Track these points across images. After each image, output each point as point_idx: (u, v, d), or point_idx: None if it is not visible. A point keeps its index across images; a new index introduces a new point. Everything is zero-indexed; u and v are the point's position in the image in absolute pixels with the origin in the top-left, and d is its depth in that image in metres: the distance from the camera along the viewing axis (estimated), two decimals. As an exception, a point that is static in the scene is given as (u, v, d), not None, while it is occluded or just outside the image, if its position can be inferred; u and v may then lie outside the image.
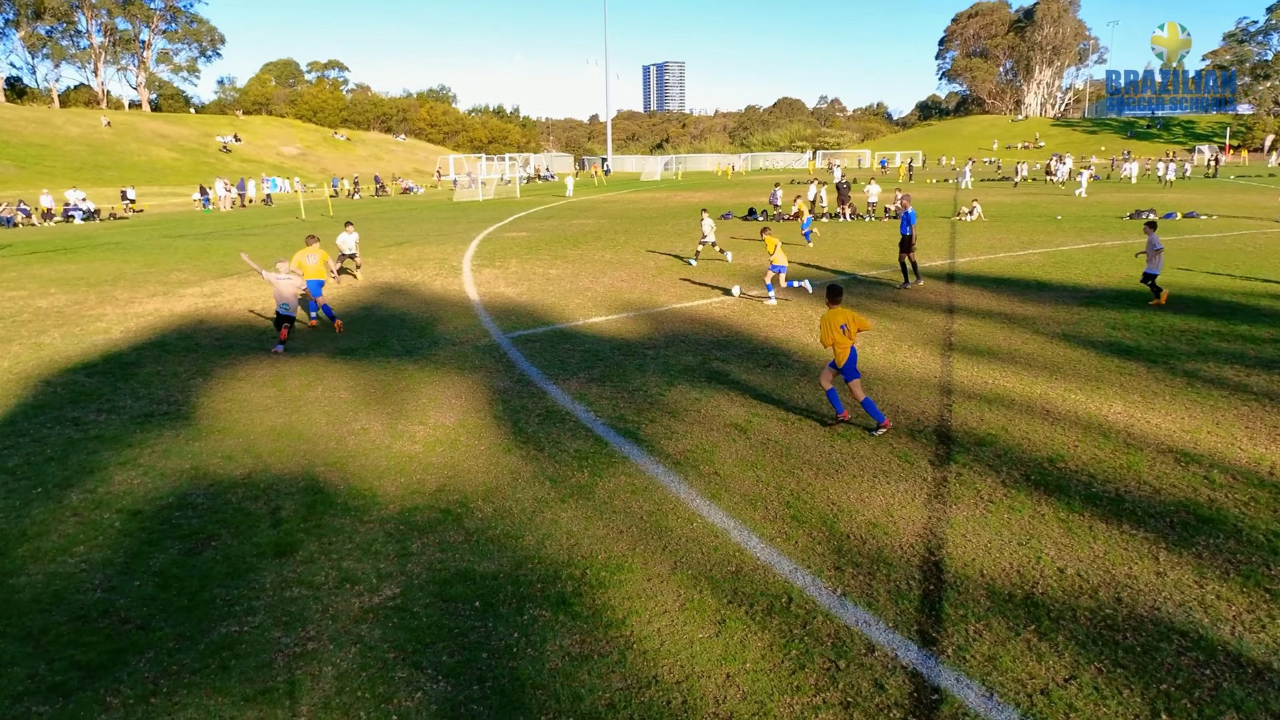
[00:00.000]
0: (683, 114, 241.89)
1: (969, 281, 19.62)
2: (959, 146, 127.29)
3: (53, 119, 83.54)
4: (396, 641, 5.72)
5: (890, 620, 5.83)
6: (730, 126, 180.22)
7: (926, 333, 14.35)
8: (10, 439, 9.95)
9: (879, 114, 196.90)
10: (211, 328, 16.14)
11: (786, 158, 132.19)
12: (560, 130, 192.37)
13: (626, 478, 8.44)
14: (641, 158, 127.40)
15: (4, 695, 5.22)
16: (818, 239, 28.73)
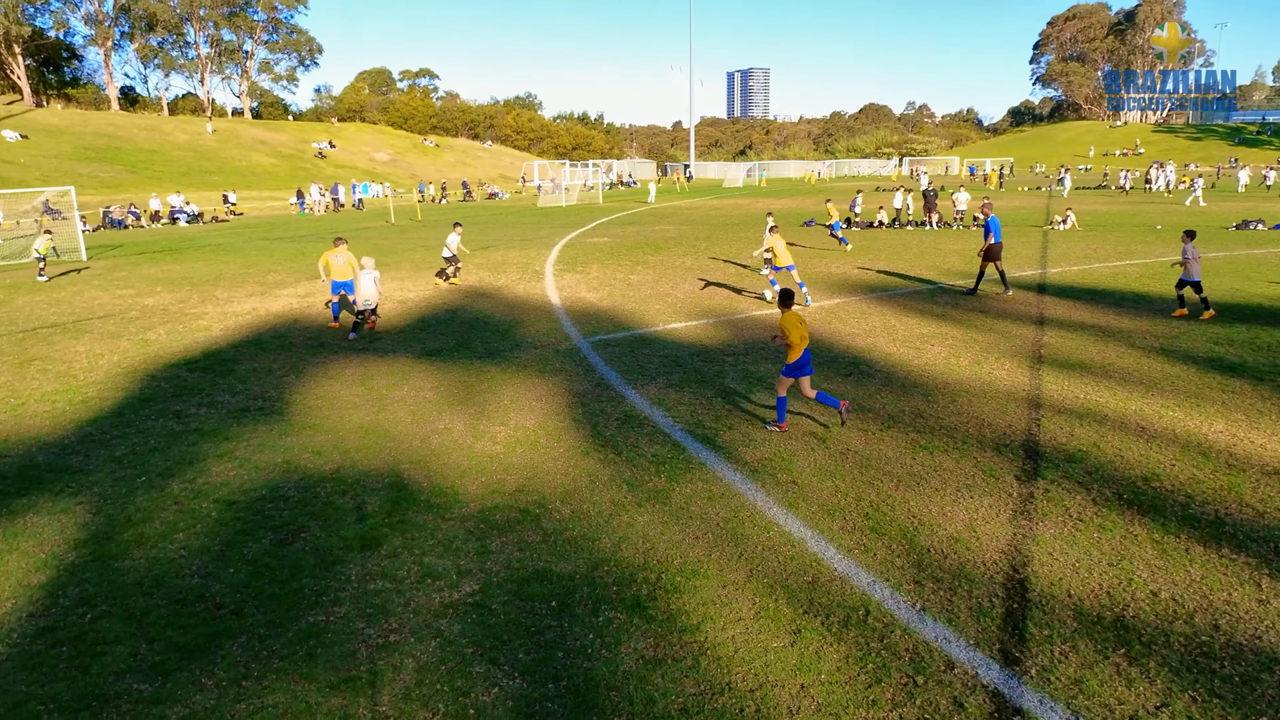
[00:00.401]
0: (766, 120, 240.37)
1: (1061, 292, 19.01)
2: (1052, 153, 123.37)
3: (161, 126, 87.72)
4: (475, 637, 5.84)
5: (971, 637, 5.69)
6: (815, 133, 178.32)
7: (1015, 344, 13.95)
8: (118, 429, 10.50)
9: (969, 120, 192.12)
10: (304, 327, 16.72)
11: (872, 164, 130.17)
12: (643, 137, 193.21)
13: (703, 484, 8.44)
14: (724, 164, 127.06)
15: (109, 672, 5.51)
16: (906, 247, 28.22)
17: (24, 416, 11.09)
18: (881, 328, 15.55)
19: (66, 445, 9.95)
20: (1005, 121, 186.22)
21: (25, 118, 76.75)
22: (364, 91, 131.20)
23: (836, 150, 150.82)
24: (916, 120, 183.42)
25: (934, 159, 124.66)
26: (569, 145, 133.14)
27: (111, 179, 64.92)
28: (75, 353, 14.74)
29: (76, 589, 6.59)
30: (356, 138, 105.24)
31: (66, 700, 5.23)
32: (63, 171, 61.17)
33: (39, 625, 6.08)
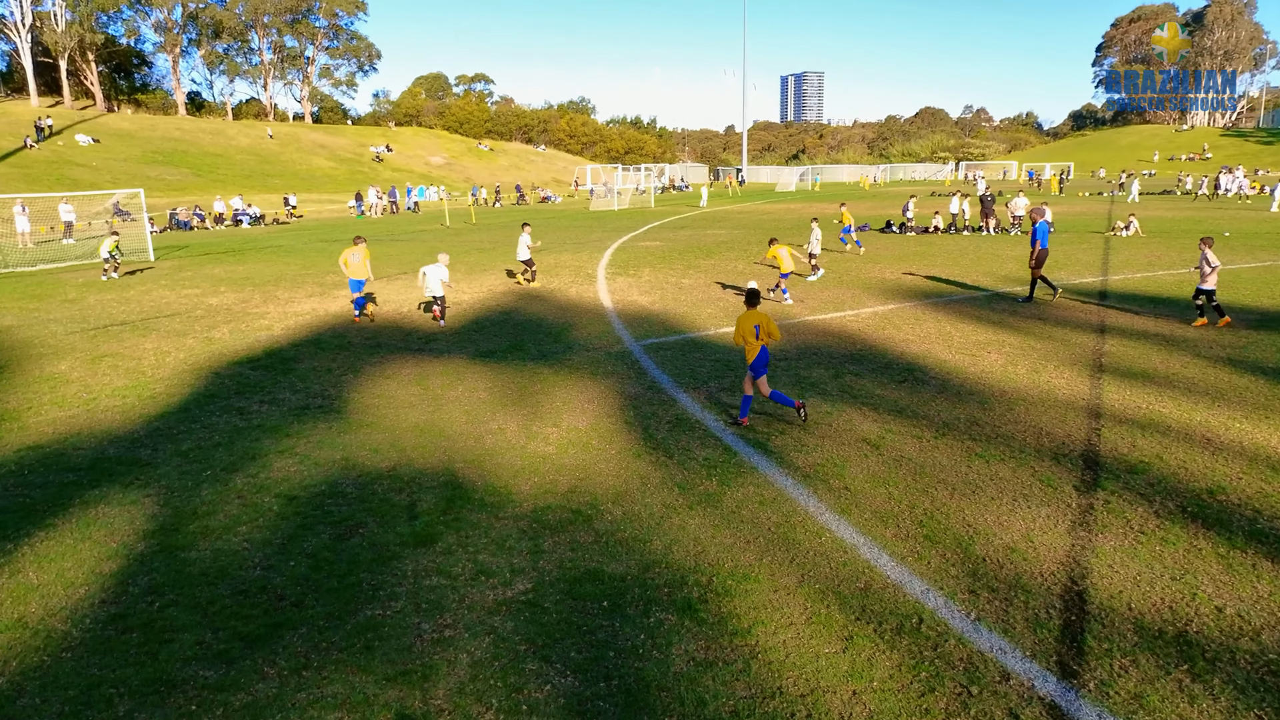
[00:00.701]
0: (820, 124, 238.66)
1: (1123, 300, 18.57)
2: (1114, 158, 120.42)
3: (226, 130, 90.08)
4: (528, 635, 5.91)
5: (1027, 649, 5.61)
6: (869, 137, 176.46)
7: (1074, 352, 13.68)
8: (185, 424, 10.82)
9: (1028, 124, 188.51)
10: (361, 327, 17.05)
11: (927, 169, 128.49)
12: (696, 141, 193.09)
13: (755, 488, 8.43)
14: (777, 168, 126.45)
15: (176, 658, 5.70)
16: (963, 253, 27.83)
17: (96, 411, 11.50)
18: (936, 334, 15.36)
19: (136, 439, 10.29)
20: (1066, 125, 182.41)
21: (98, 122, 79.41)
22: (421, 96, 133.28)
23: (891, 154, 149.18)
24: (974, 124, 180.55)
25: (991, 163, 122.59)
26: (621, 149, 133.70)
27: (178, 182, 66.86)
28: (144, 350, 15.23)
29: (145, 578, 6.82)
30: (413, 142, 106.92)
31: (136, 685, 5.41)
32: (132, 174, 63.15)
33: (110, 612, 6.31)
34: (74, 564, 7.07)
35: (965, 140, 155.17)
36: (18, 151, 63.52)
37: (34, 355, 14.93)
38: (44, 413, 11.46)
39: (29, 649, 5.84)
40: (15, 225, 36.82)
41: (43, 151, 65.47)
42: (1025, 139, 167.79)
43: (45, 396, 12.24)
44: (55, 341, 16.14)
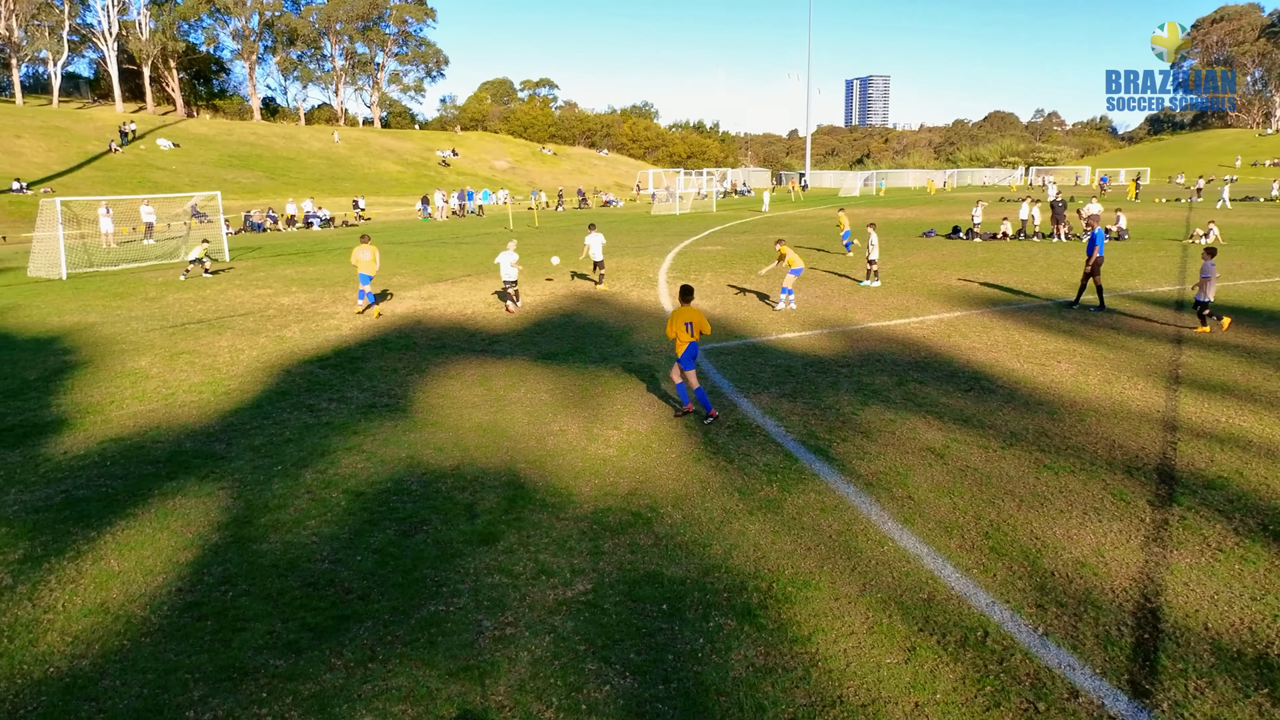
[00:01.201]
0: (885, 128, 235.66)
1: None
2: (1193, 163, 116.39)
3: (298, 135, 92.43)
4: (587, 635, 5.96)
5: (1097, 666, 5.47)
6: (936, 141, 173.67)
7: (1149, 363, 13.27)
8: (257, 420, 11.15)
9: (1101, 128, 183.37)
10: (427, 328, 17.36)
11: (996, 174, 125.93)
12: (758, 145, 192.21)
13: (816, 495, 8.36)
14: (840, 173, 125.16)
15: (248, 647, 5.87)
16: (1032, 259, 27.20)
17: (174, 406, 11.91)
18: (1004, 342, 15.04)
19: (211, 433, 10.63)
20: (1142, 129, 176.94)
21: (178, 127, 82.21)
22: (486, 101, 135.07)
23: (958, 159, 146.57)
24: (1045, 128, 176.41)
25: (1063, 168, 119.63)
26: (684, 154, 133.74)
27: (252, 184, 68.82)
28: (219, 347, 15.72)
29: (220, 568, 7.04)
30: (478, 146, 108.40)
31: (210, 671, 5.60)
32: (209, 177, 65.20)
33: (186, 599, 6.53)
34: (153, 552, 7.33)
35: (1036, 145, 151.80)
36: (103, 155, 66.08)
37: (116, 351, 15.52)
38: (125, 406, 11.90)
39: (110, 633, 6.08)
40: (100, 226, 38.31)
41: (126, 155, 68.01)
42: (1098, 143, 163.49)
43: (127, 391, 12.72)
44: (136, 338, 16.75)
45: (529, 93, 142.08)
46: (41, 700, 5.32)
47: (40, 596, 6.62)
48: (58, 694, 5.38)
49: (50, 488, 8.87)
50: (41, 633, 6.10)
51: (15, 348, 16.13)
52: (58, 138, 66.78)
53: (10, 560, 7.23)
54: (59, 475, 9.25)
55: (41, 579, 6.90)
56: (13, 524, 7.95)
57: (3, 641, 5.99)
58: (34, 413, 11.67)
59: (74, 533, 7.75)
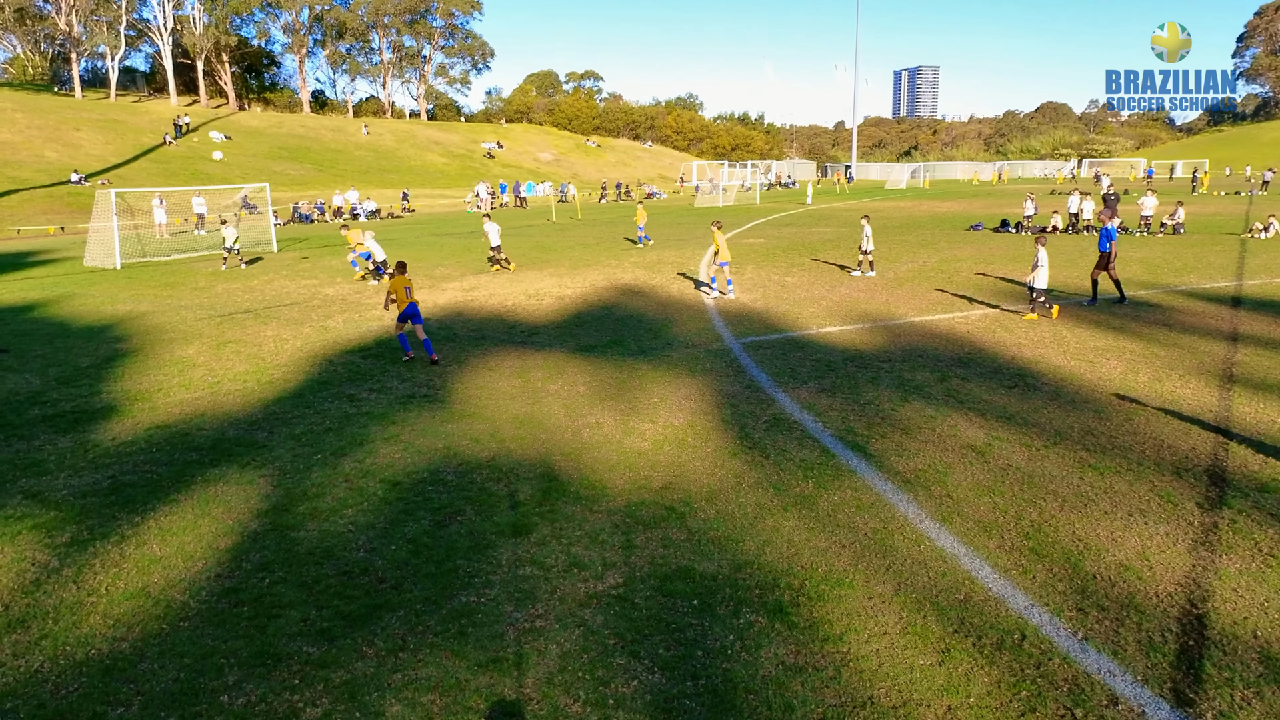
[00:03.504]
0: (934, 120, 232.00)
1: (1260, 307, 17.39)
2: (1254, 155, 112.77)
3: (346, 127, 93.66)
4: (617, 629, 5.94)
5: (1139, 673, 5.32)
6: (985, 133, 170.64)
7: (1201, 361, 12.89)
8: (298, 409, 11.31)
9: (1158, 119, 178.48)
10: (467, 319, 17.48)
11: (1047, 166, 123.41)
12: (804, 137, 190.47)
13: (852, 492, 8.26)
14: (887, 165, 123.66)
15: (283, 633, 5.95)
16: (1083, 254, 26.59)
17: (219, 394, 12.13)
18: (1051, 338, 14.72)
19: (254, 421, 10.81)
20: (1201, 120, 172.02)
21: (230, 120, 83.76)
22: (531, 93, 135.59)
23: (1009, 151, 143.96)
24: (1099, 119, 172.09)
25: (1117, 160, 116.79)
26: (728, 146, 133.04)
27: (301, 177, 69.90)
28: (264, 337, 15.98)
29: (258, 554, 7.15)
30: (523, 138, 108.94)
31: (245, 656, 5.68)
32: (259, 169, 66.37)
33: (224, 586, 6.64)
34: (193, 539, 7.47)
35: (1089, 136, 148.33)
36: (158, 148, 67.56)
37: (166, 340, 15.86)
38: (172, 394, 12.16)
39: (150, 617, 6.21)
40: (154, 217, 39.18)
41: (179, 148, 69.44)
42: (1155, 135, 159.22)
43: (174, 379, 12.99)
44: (185, 327, 17.11)
45: (574, 85, 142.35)
46: (83, 680, 5.45)
47: (85, 579, 6.78)
48: (98, 675, 5.51)
49: (98, 473, 9.09)
50: (85, 615, 6.25)
51: (70, 335, 16.55)
52: (114, 130, 68.42)
53: (58, 543, 7.41)
54: (107, 461, 9.47)
55: (86, 562, 7.06)
56: (61, 508, 8.16)
57: (47, 622, 6.15)
58: (85, 399, 11.96)
59: (119, 517, 7.93)
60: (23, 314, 19.29)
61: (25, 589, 6.66)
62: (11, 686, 5.41)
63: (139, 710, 5.16)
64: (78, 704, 5.22)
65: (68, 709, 5.18)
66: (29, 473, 9.12)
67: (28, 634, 6.01)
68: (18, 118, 64.27)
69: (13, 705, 5.22)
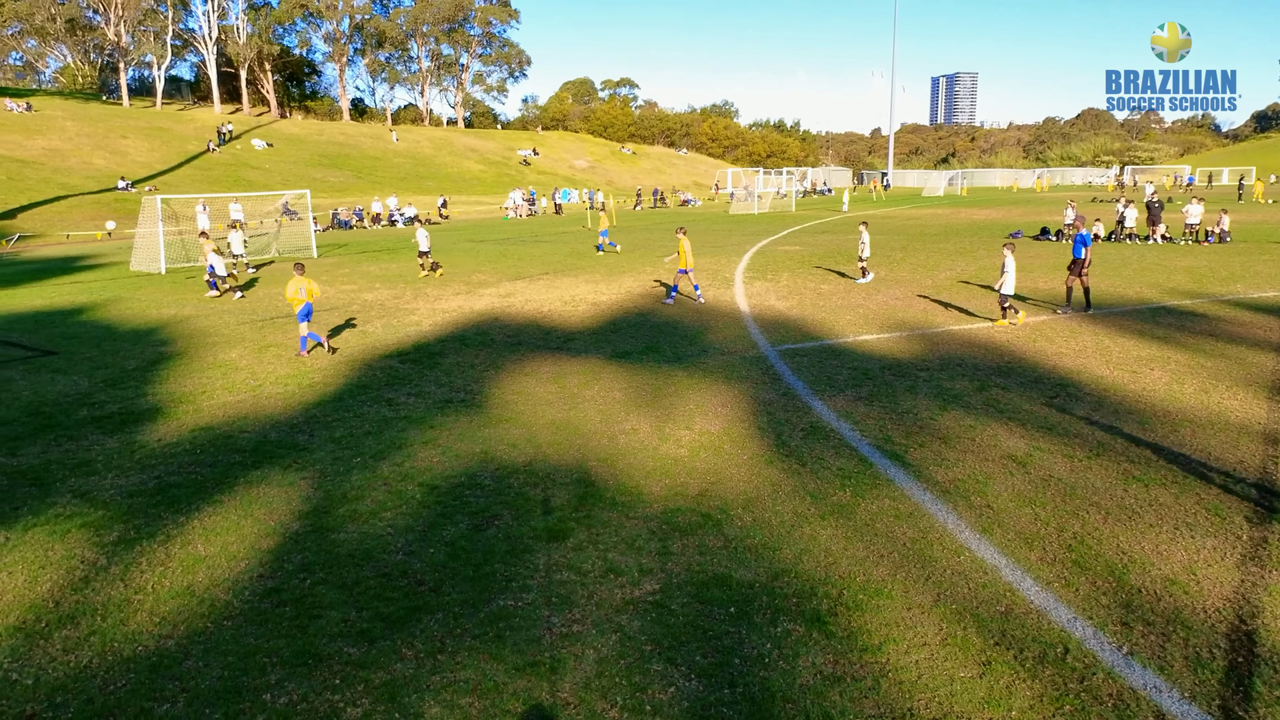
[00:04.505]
0: (972, 126, 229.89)
1: (1309, 317, 16.98)
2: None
3: (385, 135, 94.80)
4: (654, 635, 5.94)
5: (1186, 690, 5.22)
6: (1025, 140, 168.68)
7: (1250, 372, 12.62)
8: (338, 413, 11.45)
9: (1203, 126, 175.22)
10: (504, 325, 17.59)
11: (1088, 173, 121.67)
12: (840, 144, 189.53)
13: (890, 501, 8.19)
14: (924, 172, 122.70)
15: (323, 634, 6.03)
16: (1125, 262, 26.20)
17: (261, 397, 12.32)
18: (1094, 348, 14.50)
19: (295, 424, 10.96)
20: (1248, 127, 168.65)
21: (271, 128, 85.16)
22: (567, 101, 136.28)
23: (1049, 158, 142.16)
24: (1142, 126, 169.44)
25: (1160, 168, 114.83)
26: (763, 153, 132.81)
27: (340, 183, 70.87)
28: (304, 341, 16.20)
29: (299, 555, 7.25)
30: (558, 145, 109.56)
31: (287, 655, 5.76)
32: (300, 176, 67.37)
33: (267, 585, 6.74)
34: (237, 539, 7.59)
35: (1132, 143, 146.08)
36: (202, 155, 68.87)
37: (209, 343, 16.14)
38: (215, 397, 12.37)
39: (195, 615, 6.31)
40: (197, 223, 39.89)
41: (223, 155, 70.73)
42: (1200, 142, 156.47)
43: (217, 382, 13.22)
44: (228, 331, 17.40)
45: (609, 92, 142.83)
46: (130, 677, 5.55)
47: (132, 577, 6.92)
48: (145, 672, 5.61)
49: (144, 473, 9.27)
50: (132, 612, 6.37)
51: (117, 338, 16.91)
52: (160, 138, 69.88)
53: (106, 542, 7.57)
54: (153, 462, 9.65)
55: (133, 561, 7.21)
56: (109, 507, 8.33)
57: (96, 619, 6.28)
58: (132, 401, 12.21)
59: (165, 517, 8.08)
60: (71, 317, 19.74)
61: (75, 586, 6.81)
62: (62, 681, 5.53)
63: (184, 707, 5.25)
64: (125, 699, 5.33)
65: (115, 705, 5.28)
66: (78, 472, 9.33)
67: (77, 630, 6.14)
68: (68, 125, 65.88)
69: (63, 699, 5.33)
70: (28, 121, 64.78)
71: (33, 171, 54.58)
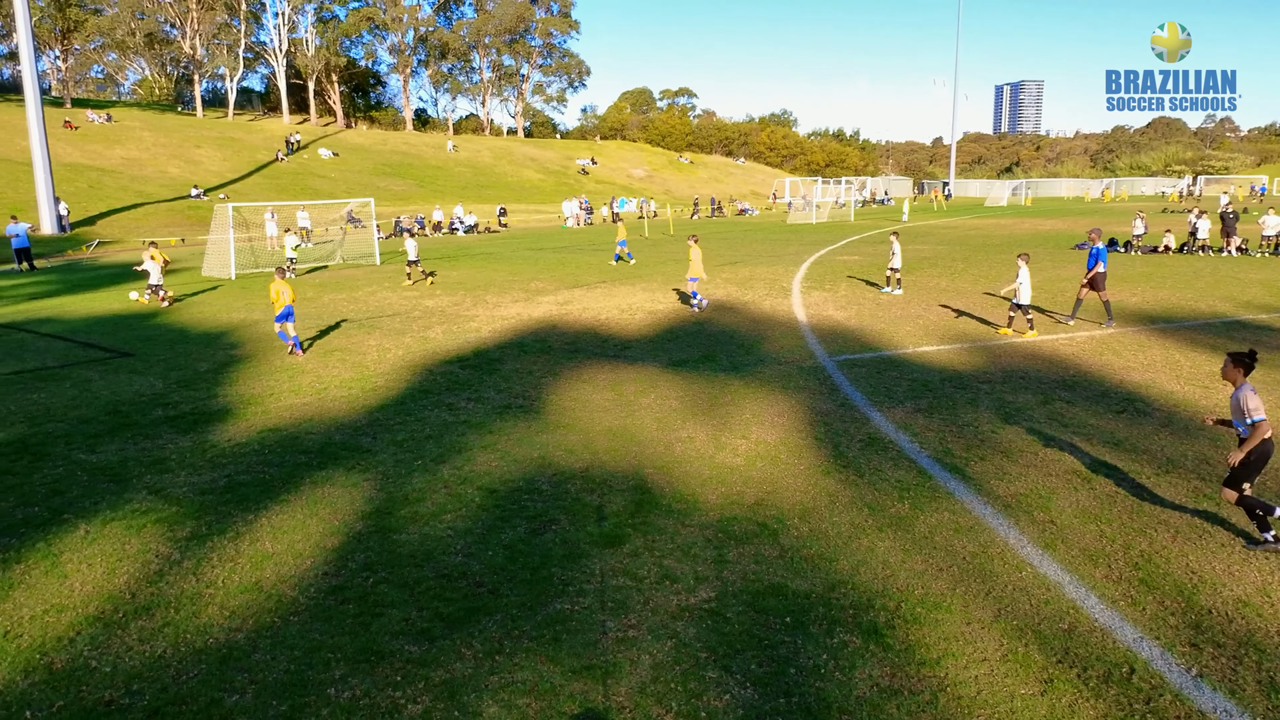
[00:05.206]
0: (1037, 135, 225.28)
1: (1395, 333, 16.31)
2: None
3: (446, 144, 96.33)
4: (709, 643, 5.96)
5: (1259, 715, 5.06)
6: (1092, 149, 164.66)
7: (1331, 390, 12.16)
8: (400, 416, 11.68)
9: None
10: (562, 333, 17.76)
11: (1158, 183, 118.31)
12: (900, 153, 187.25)
13: (950, 514, 8.09)
14: (987, 181, 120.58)
15: (385, 631, 6.17)
16: (1198, 275, 25.44)
17: (326, 400, 12.63)
18: (1163, 362, 14.11)
19: (358, 427, 11.21)
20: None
21: (337, 137, 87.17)
22: (626, 111, 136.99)
23: (1117, 168, 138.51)
24: (1217, 135, 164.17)
25: (1236, 177, 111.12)
26: (822, 162, 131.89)
27: (403, 192, 72.19)
28: (368, 346, 16.57)
29: (362, 555, 7.42)
30: (616, 155, 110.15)
31: (350, 652, 5.91)
32: (364, 185, 68.81)
33: (331, 583, 6.92)
34: (302, 537, 7.80)
35: (1206, 153, 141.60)
36: (270, 164, 70.78)
37: (277, 347, 16.59)
38: (283, 399, 12.71)
39: (263, 610, 6.51)
40: (266, 230, 41.04)
41: (291, 164, 72.61)
42: (1278, 151, 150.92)
43: (284, 385, 13.58)
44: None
45: (668, 102, 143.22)
46: (201, 668, 5.75)
47: (203, 572, 7.15)
48: (215, 663, 5.80)
49: (215, 471, 9.57)
50: (203, 605, 6.59)
51: (189, 341, 17.47)
52: (231, 148, 72.00)
53: (179, 537, 7.84)
54: (223, 460, 9.97)
55: (205, 556, 7.45)
56: (182, 503, 8.63)
57: (170, 611, 6.51)
58: (203, 402, 12.62)
59: (234, 515, 8.33)
60: (147, 320, 20.45)
61: (150, 579, 7.07)
62: (138, 670, 5.75)
63: (252, 698, 5.41)
64: (197, 689, 5.52)
65: (188, 694, 5.47)
66: (153, 469, 9.67)
67: (152, 621, 6.37)
68: (145, 136, 68.29)
69: (139, 687, 5.54)
70: (108, 132, 67.30)
71: (112, 180, 56.67)
